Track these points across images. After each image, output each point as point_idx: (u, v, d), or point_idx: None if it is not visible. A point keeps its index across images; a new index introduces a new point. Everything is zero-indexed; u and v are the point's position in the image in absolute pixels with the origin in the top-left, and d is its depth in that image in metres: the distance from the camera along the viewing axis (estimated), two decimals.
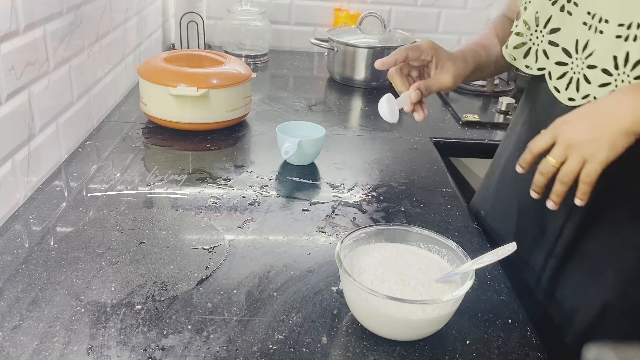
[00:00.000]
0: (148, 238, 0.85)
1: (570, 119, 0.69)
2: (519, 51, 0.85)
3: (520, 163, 0.73)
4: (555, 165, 0.68)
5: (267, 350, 0.66)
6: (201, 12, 1.73)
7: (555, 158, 0.68)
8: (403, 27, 1.86)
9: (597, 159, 0.65)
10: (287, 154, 1.07)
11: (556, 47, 0.79)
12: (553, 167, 0.69)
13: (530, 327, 0.73)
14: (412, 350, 0.68)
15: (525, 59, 0.85)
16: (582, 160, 0.66)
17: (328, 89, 1.64)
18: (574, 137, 0.67)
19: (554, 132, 0.69)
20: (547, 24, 0.80)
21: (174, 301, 0.72)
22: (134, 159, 1.09)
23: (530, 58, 0.84)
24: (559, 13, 0.78)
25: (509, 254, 0.69)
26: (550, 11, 0.79)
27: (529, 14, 0.82)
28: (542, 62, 0.82)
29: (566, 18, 0.77)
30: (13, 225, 0.86)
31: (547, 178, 0.70)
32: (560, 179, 0.68)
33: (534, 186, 0.72)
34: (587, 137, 0.66)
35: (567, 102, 0.78)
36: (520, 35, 0.84)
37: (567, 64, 0.78)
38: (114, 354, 0.63)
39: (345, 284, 0.69)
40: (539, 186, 0.71)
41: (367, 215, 0.96)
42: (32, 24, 0.91)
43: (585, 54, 0.75)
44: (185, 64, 1.27)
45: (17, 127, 0.89)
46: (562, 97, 0.79)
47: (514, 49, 0.86)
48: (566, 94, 0.78)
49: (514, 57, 0.86)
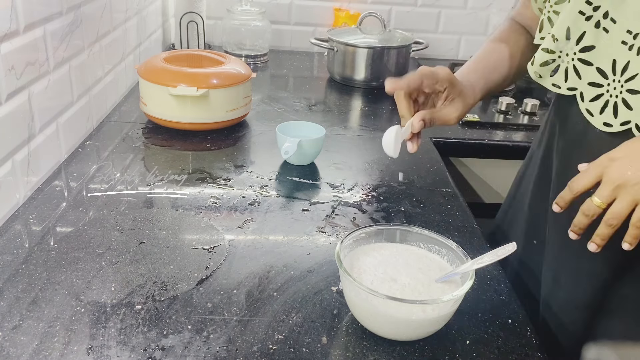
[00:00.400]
0: (148, 238, 0.85)
1: (618, 157, 0.63)
2: (546, 69, 0.78)
3: (558, 202, 0.68)
4: (601, 206, 0.63)
5: (267, 350, 0.66)
6: (201, 12, 1.73)
7: (601, 199, 0.63)
8: (403, 27, 1.86)
9: None
10: (287, 154, 1.07)
11: (590, 67, 0.72)
12: (599, 208, 0.64)
13: (530, 327, 0.73)
14: (412, 350, 0.68)
15: (552, 77, 0.78)
16: (634, 203, 0.61)
17: (328, 89, 1.64)
18: (623, 177, 0.62)
19: (598, 170, 0.64)
20: (579, 40, 0.73)
21: (174, 301, 0.72)
22: (134, 159, 1.09)
23: (558, 76, 0.77)
24: (593, 29, 0.71)
25: (509, 254, 0.69)
26: (584, 27, 0.72)
27: (558, 28, 0.75)
28: (572, 81, 0.75)
29: (602, 35, 0.71)
30: (13, 225, 0.86)
31: (591, 220, 0.65)
32: (607, 222, 0.63)
33: (574, 227, 0.67)
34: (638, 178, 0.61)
35: (602, 127, 0.72)
36: (548, 51, 0.77)
37: (603, 86, 0.71)
38: (114, 354, 0.63)
39: (345, 284, 0.69)
40: (580, 227, 0.66)
41: (367, 215, 0.96)
42: (32, 24, 0.91)
43: (625, 77, 0.69)
44: (185, 64, 1.27)
45: (17, 127, 0.89)
46: (595, 121, 0.73)
47: (541, 67, 0.79)
48: (601, 119, 0.72)
49: (540, 74, 0.80)
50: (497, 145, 1.34)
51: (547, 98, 1.58)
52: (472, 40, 1.96)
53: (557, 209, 0.68)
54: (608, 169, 0.63)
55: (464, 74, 0.87)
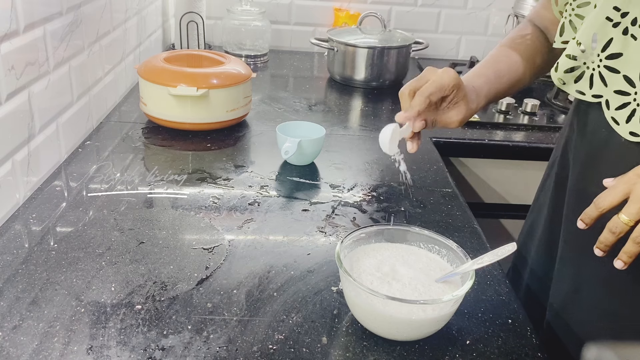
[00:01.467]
0: (148, 238, 0.85)
1: None
2: (570, 75, 0.77)
3: (583, 219, 0.66)
4: (629, 224, 0.62)
5: (267, 350, 0.66)
6: (201, 12, 1.73)
7: (629, 216, 0.62)
8: (403, 27, 1.86)
9: None
10: (287, 154, 1.07)
11: (616, 74, 0.71)
12: (626, 225, 0.63)
13: (530, 327, 0.73)
14: (412, 350, 0.68)
15: (576, 84, 0.77)
16: None
17: (328, 89, 1.64)
18: None
19: (626, 187, 0.63)
20: (606, 47, 0.71)
21: (174, 301, 0.72)
22: (134, 159, 1.09)
23: (583, 83, 0.76)
24: (621, 36, 0.69)
25: (509, 254, 0.69)
26: (611, 33, 0.70)
27: (583, 34, 0.73)
28: (598, 88, 0.74)
29: (630, 42, 0.69)
30: (13, 225, 0.86)
31: (618, 237, 0.64)
32: (635, 240, 0.62)
33: (600, 244, 0.66)
34: None
35: (628, 136, 0.70)
36: (572, 58, 0.76)
37: (630, 94, 0.70)
38: (114, 354, 0.63)
39: (345, 284, 0.69)
40: (607, 245, 0.65)
41: (367, 215, 0.96)
42: (32, 24, 0.91)
43: None
44: (185, 64, 1.27)
45: (17, 127, 0.89)
46: (622, 130, 0.71)
47: (565, 73, 0.77)
48: (627, 128, 0.70)
49: (563, 81, 0.78)
50: (497, 145, 1.34)
51: (546, 98, 1.58)
52: (472, 40, 1.96)
53: (582, 225, 0.67)
54: (636, 186, 0.62)
55: (470, 78, 0.86)
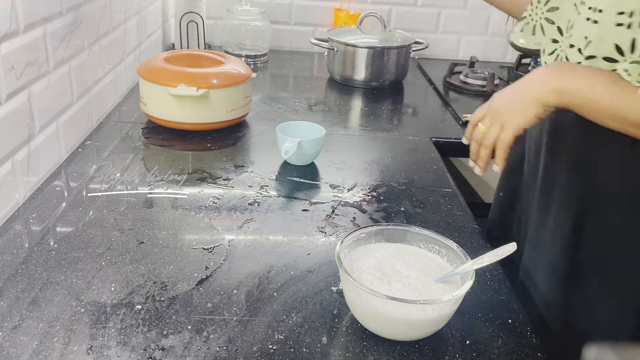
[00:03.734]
0: (148, 238, 0.85)
1: (501, 91, 0.77)
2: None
3: (466, 135, 0.83)
4: (484, 132, 0.77)
5: (267, 350, 0.66)
6: (201, 12, 1.73)
7: (484, 125, 0.77)
8: (403, 27, 1.86)
9: (509, 126, 0.74)
10: (287, 154, 1.07)
11: (552, 25, 0.82)
12: (483, 134, 0.77)
13: (530, 327, 0.73)
14: (412, 350, 0.68)
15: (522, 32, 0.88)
16: (500, 127, 0.75)
17: (328, 89, 1.64)
18: (498, 106, 0.76)
19: (488, 103, 0.78)
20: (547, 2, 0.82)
21: (174, 301, 0.72)
22: (134, 159, 1.09)
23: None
24: None
25: (509, 254, 0.69)
26: None
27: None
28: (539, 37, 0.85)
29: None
30: (13, 225, 0.86)
31: (479, 144, 0.79)
32: (482, 144, 0.78)
33: (471, 155, 0.82)
34: (506, 105, 0.74)
35: None
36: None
37: (558, 42, 0.80)
38: (114, 354, 0.63)
39: (345, 284, 0.69)
40: (473, 152, 0.81)
41: (367, 215, 0.96)
42: (32, 24, 0.91)
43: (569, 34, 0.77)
44: (185, 64, 1.27)
45: (17, 127, 0.89)
46: None
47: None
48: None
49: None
50: None
51: None
52: (472, 40, 1.96)
53: (465, 141, 0.84)
54: (492, 100, 0.78)
55: None
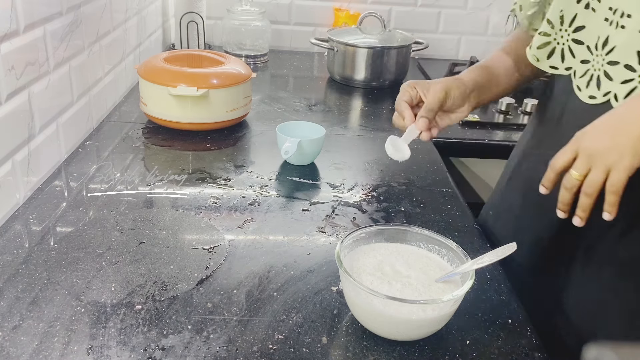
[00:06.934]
0: (148, 238, 0.85)
1: (589, 130, 0.67)
2: (543, 52, 0.83)
3: (544, 183, 0.71)
4: (579, 178, 0.66)
5: (267, 350, 0.66)
6: (201, 12, 1.73)
7: (578, 171, 0.66)
8: (403, 27, 1.86)
9: (620, 167, 0.63)
10: (287, 154, 1.07)
11: (581, 45, 0.77)
12: (577, 180, 0.66)
13: (530, 327, 0.73)
14: (412, 350, 0.68)
15: (549, 60, 0.82)
16: (606, 170, 0.64)
17: (328, 89, 1.64)
18: (594, 146, 0.65)
19: (574, 145, 0.67)
20: (572, 22, 0.78)
21: (174, 301, 0.72)
22: (134, 159, 1.09)
23: (555, 58, 0.82)
24: (583, 10, 0.76)
25: (509, 253, 0.69)
26: (575, 9, 0.77)
27: (552, 12, 0.80)
28: (569, 61, 0.80)
29: (590, 15, 0.75)
30: (13, 225, 0.86)
31: (573, 193, 0.67)
32: (584, 192, 0.66)
33: (560, 204, 0.69)
34: (607, 145, 0.64)
35: (587, 99, 0.76)
36: (544, 34, 0.82)
37: (590, 62, 0.76)
38: (114, 354, 0.63)
39: (345, 284, 0.69)
40: (565, 203, 0.69)
41: (367, 215, 0.96)
42: (32, 24, 0.91)
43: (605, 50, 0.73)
44: (185, 64, 1.27)
45: (17, 127, 0.89)
46: (582, 95, 0.77)
47: (538, 49, 0.83)
48: (587, 92, 0.76)
49: (537, 58, 0.84)
50: (497, 145, 1.34)
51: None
52: (472, 40, 1.96)
53: (543, 190, 0.71)
54: (582, 142, 0.67)
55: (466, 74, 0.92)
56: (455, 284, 0.70)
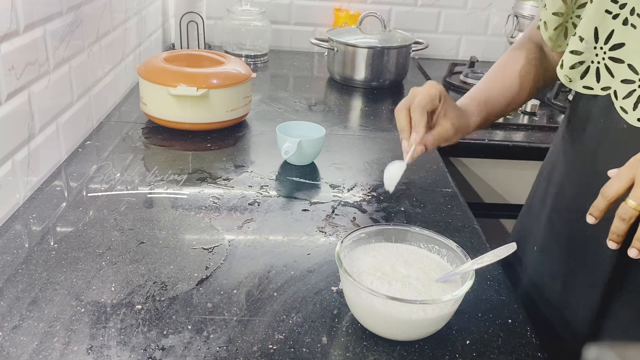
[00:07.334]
0: (148, 238, 0.85)
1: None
2: (576, 71, 0.76)
3: (592, 212, 0.65)
4: (638, 208, 0.61)
5: (267, 350, 0.66)
6: (201, 12, 1.73)
7: (636, 201, 0.61)
8: (403, 27, 1.86)
9: None
10: (287, 154, 1.07)
11: (621, 64, 0.71)
12: (635, 210, 0.61)
13: (530, 327, 0.73)
14: (412, 350, 0.68)
15: (583, 80, 0.76)
16: None
17: (328, 89, 1.64)
18: None
19: (630, 173, 0.62)
20: (608, 39, 0.72)
21: (174, 301, 0.72)
22: (134, 159, 1.09)
23: (590, 77, 0.75)
24: (621, 27, 0.70)
25: (509, 254, 0.69)
26: (612, 25, 0.71)
27: (585, 28, 0.74)
28: (605, 81, 0.74)
29: (630, 32, 0.69)
30: (13, 225, 0.86)
31: (629, 224, 0.62)
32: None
33: (613, 235, 0.64)
34: None
35: (636, 122, 0.70)
36: (576, 53, 0.75)
37: (635, 82, 0.70)
38: (114, 354, 0.63)
39: (345, 284, 0.69)
40: (619, 234, 0.63)
41: (367, 215, 0.96)
42: (32, 24, 0.91)
43: None
44: (185, 64, 1.27)
45: (17, 127, 0.89)
46: (630, 117, 0.71)
47: (570, 69, 0.76)
48: (635, 114, 0.70)
49: (569, 78, 0.78)
50: (497, 145, 1.34)
51: (546, 98, 1.58)
52: (472, 40, 1.96)
53: (591, 220, 0.65)
54: (638, 168, 0.61)
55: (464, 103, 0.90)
56: (455, 284, 0.70)
